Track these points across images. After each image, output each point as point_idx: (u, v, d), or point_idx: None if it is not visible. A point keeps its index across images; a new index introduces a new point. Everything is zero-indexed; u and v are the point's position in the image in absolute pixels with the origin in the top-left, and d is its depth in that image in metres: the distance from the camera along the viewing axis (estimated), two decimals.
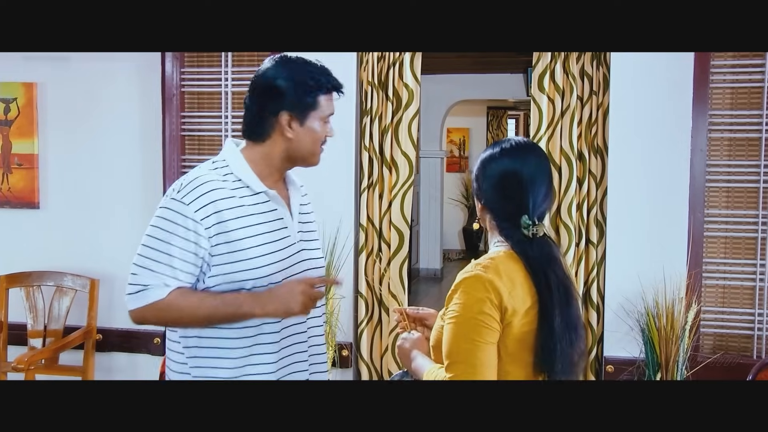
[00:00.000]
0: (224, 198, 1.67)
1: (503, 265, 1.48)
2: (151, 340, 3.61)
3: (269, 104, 1.71)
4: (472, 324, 1.43)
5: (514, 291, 1.45)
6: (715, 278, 3.21)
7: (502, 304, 1.44)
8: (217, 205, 1.65)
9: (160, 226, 1.67)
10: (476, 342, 1.42)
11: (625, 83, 3.18)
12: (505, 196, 1.53)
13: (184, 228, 1.65)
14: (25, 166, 3.70)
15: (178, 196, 1.67)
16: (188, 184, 1.68)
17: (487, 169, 1.56)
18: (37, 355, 3.34)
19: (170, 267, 1.65)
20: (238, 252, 1.66)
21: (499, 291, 1.44)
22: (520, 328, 1.46)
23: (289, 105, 1.70)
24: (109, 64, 3.60)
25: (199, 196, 1.65)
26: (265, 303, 1.64)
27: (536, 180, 1.52)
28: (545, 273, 1.47)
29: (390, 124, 3.46)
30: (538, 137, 3.31)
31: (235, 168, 1.73)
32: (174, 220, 1.66)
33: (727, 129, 3.18)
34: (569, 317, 1.48)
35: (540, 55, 3.31)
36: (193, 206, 1.65)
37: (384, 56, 3.46)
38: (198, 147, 3.64)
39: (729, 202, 3.19)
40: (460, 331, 1.44)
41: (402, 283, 3.48)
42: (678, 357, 3.01)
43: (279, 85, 1.70)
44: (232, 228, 1.66)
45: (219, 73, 3.58)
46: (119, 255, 3.64)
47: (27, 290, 3.59)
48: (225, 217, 1.65)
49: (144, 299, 1.65)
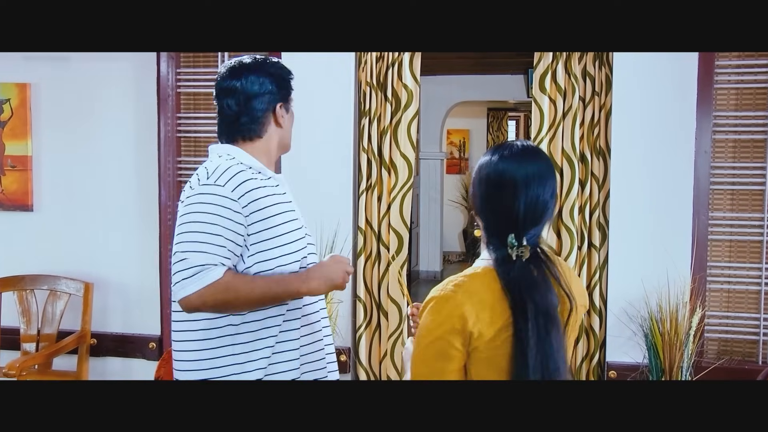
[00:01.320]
0: (250, 179, 1.72)
1: (477, 284, 1.36)
2: (146, 345, 3.56)
3: (263, 103, 1.82)
4: (431, 349, 1.36)
5: (483, 313, 1.33)
6: (719, 282, 3.16)
7: (466, 329, 1.33)
8: (247, 186, 1.70)
9: (202, 210, 1.67)
10: (433, 368, 1.36)
11: (628, 84, 3.14)
12: (493, 209, 1.40)
13: (227, 209, 1.67)
14: (18, 168, 3.65)
15: (210, 181, 1.69)
16: (215, 170, 1.71)
17: (479, 175, 1.42)
18: (30, 360, 3.29)
19: (221, 247, 1.65)
20: (273, 228, 1.72)
21: (464, 315, 1.33)
22: (488, 351, 1.34)
23: (281, 97, 1.84)
24: (103, 64, 3.56)
25: (230, 177, 1.69)
26: (309, 279, 1.71)
27: (531, 194, 1.36)
28: (522, 298, 1.33)
29: (389, 125, 3.41)
30: (539, 139, 3.26)
31: (244, 159, 1.79)
32: (215, 202, 1.67)
33: (732, 130, 3.13)
34: (546, 349, 1.33)
35: (541, 55, 3.26)
36: (229, 187, 1.68)
37: (383, 56, 3.41)
38: (194, 148, 3.59)
39: (734, 205, 3.14)
40: (420, 354, 1.39)
41: (401, 287, 3.42)
42: (682, 363, 2.96)
43: (269, 83, 1.82)
44: (264, 206, 1.71)
45: (215, 73, 3.50)
46: (114, 258, 3.62)
47: (20, 294, 3.54)
48: (256, 196, 1.70)
49: (203, 280, 1.62)
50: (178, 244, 1.66)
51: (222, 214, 1.66)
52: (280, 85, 1.84)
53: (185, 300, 1.64)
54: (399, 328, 3.43)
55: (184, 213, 1.69)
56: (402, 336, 3.40)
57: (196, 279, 1.62)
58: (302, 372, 1.78)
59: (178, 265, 1.65)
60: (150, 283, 3.54)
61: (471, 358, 1.36)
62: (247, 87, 1.80)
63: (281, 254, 1.72)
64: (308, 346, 1.81)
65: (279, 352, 1.74)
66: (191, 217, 1.67)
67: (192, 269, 1.62)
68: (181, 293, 1.63)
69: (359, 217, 3.44)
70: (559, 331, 1.36)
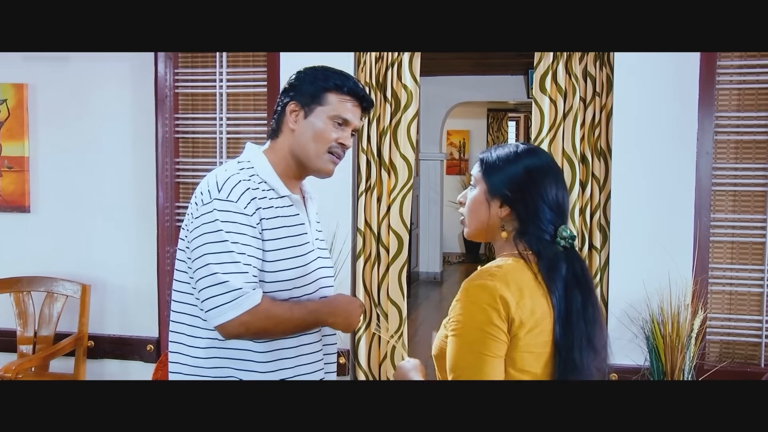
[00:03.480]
0: (260, 198, 1.63)
1: (512, 274, 1.36)
2: (143, 347, 3.53)
3: (283, 98, 1.74)
4: (477, 336, 1.32)
5: (522, 301, 1.33)
6: (721, 284, 3.13)
7: (510, 315, 1.32)
8: (257, 203, 1.62)
9: (221, 229, 1.57)
10: (482, 355, 1.32)
11: (629, 84, 3.11)
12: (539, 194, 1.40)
13: (247, 226, 1.59)
14: (15, 169, 3.63)
15: (221, 195, 1.59)
16: (226, 183, 1.61)
17: (516, 165, 1.42)
18: (27, 363, 3.27)
19: (253, 267, 1.58)
20: (268, 252, 1.63)
21: (506, 300, 1.32)
22: (527, 340, 1.34)
23: (297, 95, 1.71)
24: (101, 64, 3.53)
25: (242, 193, 1.60)
26: (335, 315, 1.69)
27: (562, 187, 1.44)
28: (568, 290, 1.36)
29: (389, 126, 3.39)
30: (539, 139, 3.24)
31: (260, 169, 1.70)
32: (231, 219, 1.58)
33: (734, 131, 3.11)
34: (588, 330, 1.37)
35: (542, 55, 3.24)
36: (242, 203, 1.59)
37: (382, 56, 3.39)
38: (192, 149, 3.56)
39: (735, 206, 3.12)
40: (465, 343, 1.33)
41: (401, 289, 3.40)
42: (684, 365, 2.93)
43: (293, 78, 1.75)
44: (267, 227, 1.63)
45: (213, 74, 3.51)
46: (112, 260, 3.59)
47: (17, 296, 3.52)
48: (264, 215, 1.63)
49: (242, 306, 1.54)
50: (207, 265, 1.55)
51: (245, 232, 1.58)
52: (304, 84, 1.71)
53: (224, 326, 1.56)
54: (399, 330, 3.40)
55: (203, 231, 1.58)
56: (402, 339, 3.38)
57: (236, 304, 1.53)
58: (321, 376, 1.75)
59: (212, 290, 1.54)
60: (147, 285, 3.51)
61: (510, 346, 1.34)
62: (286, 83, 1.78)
63: (270, 281, 1.63)
64: (326, 347, 1.79)
65: (303, 354, 1.70)
66: (210, 237, 1.56)
67: (231, 293, 1.53)
68: (220, 319, 1.55)
69: (358, 219, 3.42)
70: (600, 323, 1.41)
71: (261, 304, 1.56)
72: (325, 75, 1.72)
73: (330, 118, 1.70)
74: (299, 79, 1.73)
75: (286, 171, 1.72)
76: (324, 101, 1.70)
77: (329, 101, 1.70)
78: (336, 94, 1.70)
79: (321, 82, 1.70)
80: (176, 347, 1.70)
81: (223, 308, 1.54)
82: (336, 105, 1.70)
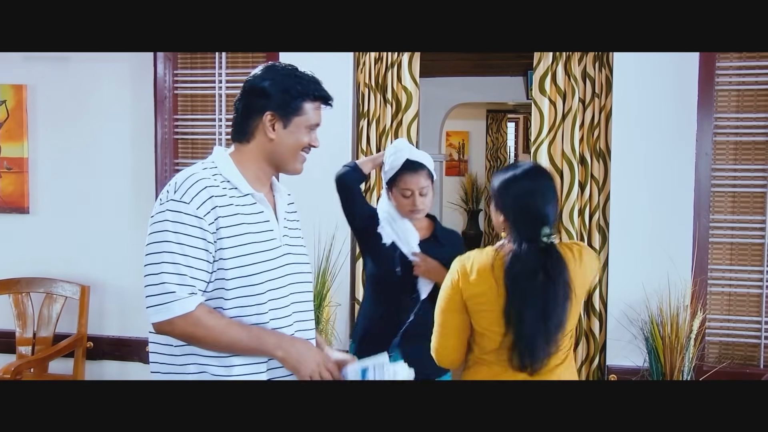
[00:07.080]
0: (219, 195, 1.65)
1: (479, 257, 1.86)
2: (142, 348, 3.52)
3: (256, 104, 1.73)
4: (441, 295, 1.92)
5: (472, 277, 1.83)
6: (720, 285, 3.13)
7: (459, 285, 1.86)
8: (214, 202, 1.63)
9: (167, 229, 1.61)
10: (441, 308, 1.91)
11: (628, 85, 3.12)
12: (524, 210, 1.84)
13: (191, 226, 1.61)
14: (14, 170, 3.63)
15: (176, 196, 1.62)
16: (183, 183, 1.64)
17: (509, 189, 1.86)
18: (26, 364, 3.27)
19: (193, 269, 1.60)
20: (226, 250, 1.63)
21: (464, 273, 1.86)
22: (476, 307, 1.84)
23: (273, 106, 1.72)
24: (100, 65, 3.53)
25: (197, 193, 1.62)
26: (282, 349, 1.66)
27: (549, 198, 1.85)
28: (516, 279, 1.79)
29: (389, 127, 3.39)
30: (539, 140, 3.24)
31: (224, 170, 1.72)
32: (179, 220, 1.61)
33: (733, 132, 3.11)
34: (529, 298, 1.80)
35: (541, 56, 3.24)
36: (194, 204, 1.61)
37: (381, 57, 3.39)
38: (191, 150, 3.56)
39: (735, 207, 3.12)
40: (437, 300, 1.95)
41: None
42: (683, 366, 2.93)
43: (266, 87, 1.72)
44: (224, 225, 1.64)
45: (213, 74, 3.51)
46: (111, 261, 3.59)
47: (16, 297, 3.52)
48: (220, 213, 1.64)
49: (173, 310, 1.58)
50: (150, 264, 1.60)
51: (193, 234, 1.60)
52: (282, 96, 1.71)
53: (154, 326, 1.62)
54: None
55: (152, 230, 1.63)
56: None
57: (167, 308, 1.58)
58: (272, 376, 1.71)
59: (151, 289, 1.60)
60: None
61: (469, 310, 1.87)
62: (247, 85, 1.76)
63: (228, 278, 1.64)
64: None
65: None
66: (155, 237, 1.61)
67: (164, 296, 1.58)
68: (152, 318, 1.61)
69: None
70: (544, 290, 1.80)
71: (194, 312, 1.59)
72: (299, 82, 1.73)
73: (306, 127, 1.76)
74: (273, 87, 1.71)
75: (254, 172, 1.75)
76: (301, 111, 1.74)
77: (305, 110, 1.74)
78: (310, 102, 1.75)
79: (296, 92, 1.72)
80: (153, 347, 1.72)
81: (155, 309, 1.59)
82: (311, 114, 1.76)
